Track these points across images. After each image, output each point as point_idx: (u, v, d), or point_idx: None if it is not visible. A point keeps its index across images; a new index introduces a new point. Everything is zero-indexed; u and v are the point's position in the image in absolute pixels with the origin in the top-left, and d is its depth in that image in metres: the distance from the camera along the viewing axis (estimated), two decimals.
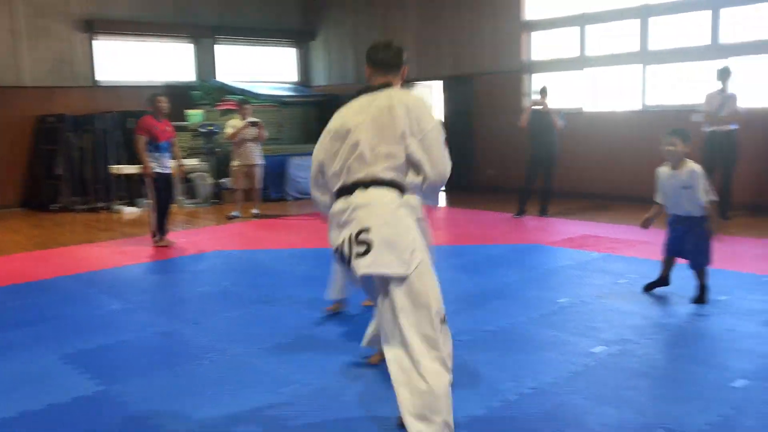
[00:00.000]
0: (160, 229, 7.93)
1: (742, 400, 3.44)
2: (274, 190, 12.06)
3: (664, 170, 5.17)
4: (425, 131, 2.91)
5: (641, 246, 6.97)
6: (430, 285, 2.85)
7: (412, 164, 2.95)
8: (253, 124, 10.08)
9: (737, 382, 3.65)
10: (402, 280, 2.79)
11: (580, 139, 10.73)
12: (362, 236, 2.83)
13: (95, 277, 6.52)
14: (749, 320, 4.64)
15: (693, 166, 4.98)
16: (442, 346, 2.82)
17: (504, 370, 3.89)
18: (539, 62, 11.76)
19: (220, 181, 12.14)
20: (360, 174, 2.92)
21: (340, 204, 2.96)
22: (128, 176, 11.32)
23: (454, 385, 2.90)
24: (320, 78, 15.75)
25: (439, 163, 2.92)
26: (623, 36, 10.62)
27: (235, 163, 10.24)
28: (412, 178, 2.97)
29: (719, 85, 8.50)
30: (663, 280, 5.34)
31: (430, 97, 13.65)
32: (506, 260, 6.76)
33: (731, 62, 9.08)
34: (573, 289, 5.60)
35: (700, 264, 5.09)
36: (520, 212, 9.31)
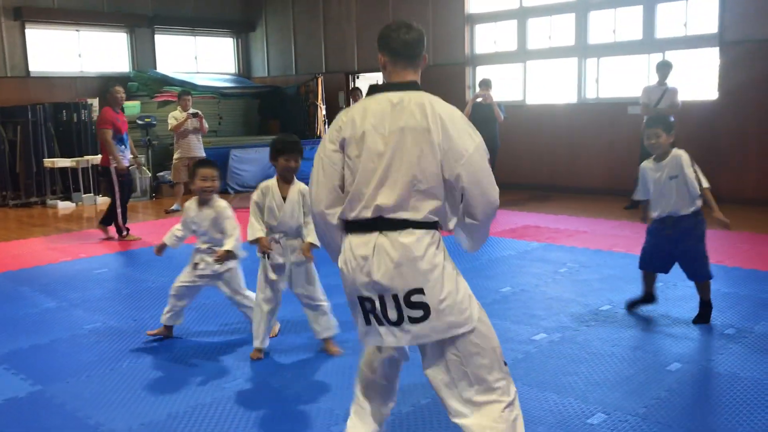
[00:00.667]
0: (124, 222, 7.84)
1: (676, 383, 3.56)
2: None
3: (647, 165, 4.50)
4: (469, 153, 2.32)
5: (580, 236, 7.14)
6: (488, 323, 2.45)
7: (450, 195, 2.37)
8: (194, 115, 9.89)
9: (672, 366, 3.77)
10: (470, 332, 2.36)
11: (520, 132, 10.89)
12: (416, 298, 2.30)
13: (29, 274, 6.30)
14: (682, 306, 4.80)
15: (678, 152, 4.35)
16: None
17: None
18: (482, 55, 11.89)
19: (159, 174, 11.89)
20: (385, 204, 2.31)
21: (358, 242, 2.36)
22: (62, 170, 10.99)
23: (405, 375, 2.91)
24: (260, 70, 15.56)
25: (489, 192, 2.36)
26: (562, 30, 10.83)
27: (176, 155, 10.03)
28: (449, 213, 2.42)
29: (657, 79, 8.72)
30: (648, 297, 4.68)
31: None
32: (449, 251, 6.81)
33: (665, 56, 9.37)
34: (514, 278, 5.69)
35: (700, 276, 4.47)
36: None
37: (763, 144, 8.88)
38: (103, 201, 10.81)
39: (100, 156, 8.22)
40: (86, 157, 11.16)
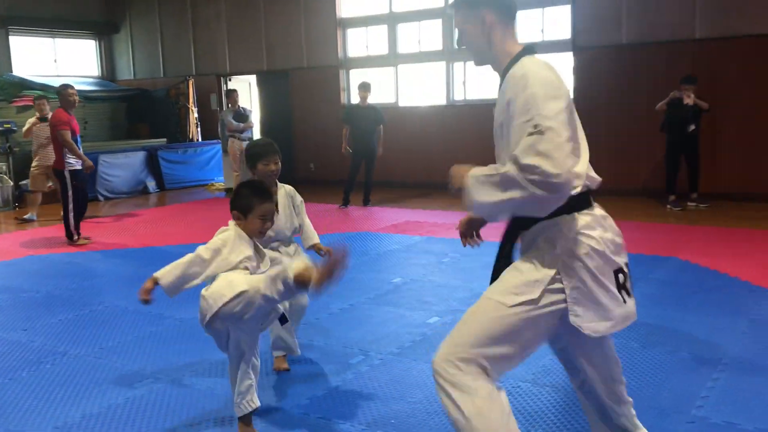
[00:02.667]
0: (77, 227, 7.64)
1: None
2: None
3: None
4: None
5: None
6: None
7: None
8: (42, 120, 9.28)
9: None
10: None
11: (395, 133, 11.26)
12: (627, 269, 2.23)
13: None
14: None
15: None
16: None
17: (352, 347, 4.15)
18: (355, 58, 12.20)
19: (21, 183, 11.26)
20: (595, 176, 2.26)
21: (589, 219, 2.19)
22: None
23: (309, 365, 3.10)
24: (125, 72, 15.09)
25: None
26: (430, 35, 11.34)
27: (34, 164, 9.52)
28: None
29: None
30: None
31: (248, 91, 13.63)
32: None
33: None
34: (403, 270, 6.01)
35: None
36: (345, 203, 9.65)
37: (611, 142, 9.74)
38: None
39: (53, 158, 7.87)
40: None
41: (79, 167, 7.62)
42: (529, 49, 2.21)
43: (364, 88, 9.69)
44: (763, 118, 8.79)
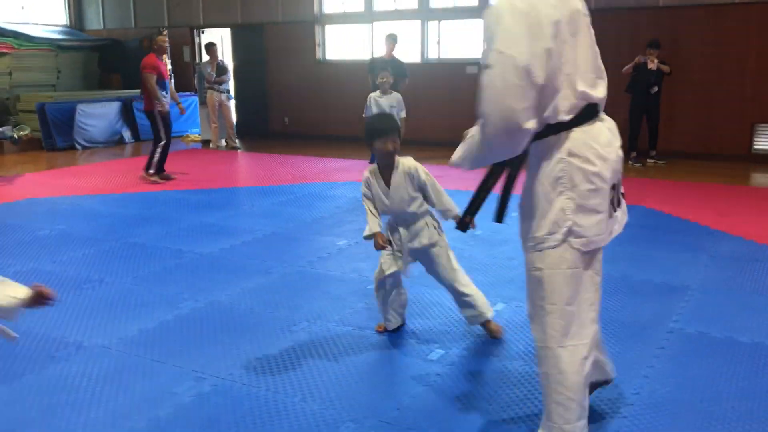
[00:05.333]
0: (161, 165, 8.30)
1: None
2: (62, 140, 11.49)
3: None
4: None
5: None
6: None
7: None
8: None
9: None
10: None
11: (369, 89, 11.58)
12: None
13: None
14: None
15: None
16: None
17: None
18: (331, 15, 12.44)
19: None
20: (601, 91, 2.32)
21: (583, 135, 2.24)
22: None
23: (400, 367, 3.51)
24: (94, 22, 14.96)
25: None
26: None
27: None
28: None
29: None
30: None
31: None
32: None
33: None
34: None
35: None
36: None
37: None
38: None
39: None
40: None
41: (168, 108, 8.23)
42: None
43: (392, 39, 9.64)
44: (717, 82, 9.46)
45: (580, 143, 2.22)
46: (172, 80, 13.75)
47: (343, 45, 12.48)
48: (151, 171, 8.28)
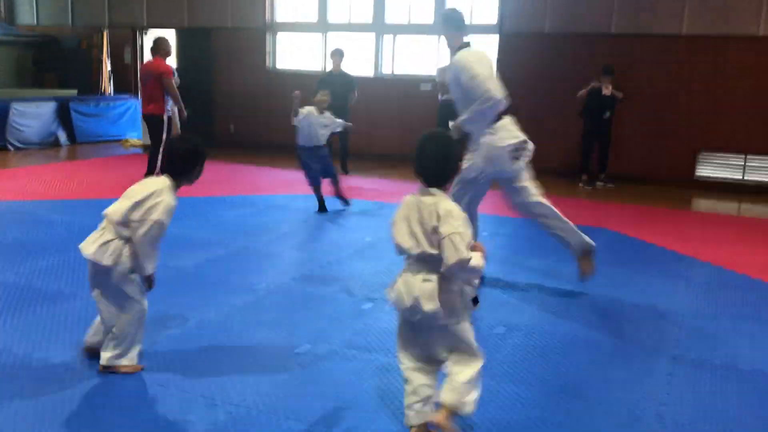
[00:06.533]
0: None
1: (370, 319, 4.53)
2: None
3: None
4: None
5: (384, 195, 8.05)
6: None
7: None
8: None
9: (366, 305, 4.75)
10: None
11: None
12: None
13: None
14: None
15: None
16: None
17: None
18: (282, 23, 12.25)
19: None
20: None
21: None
22: None
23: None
24: (26, 17, 14.22)
25: None
26: (361, 6, 11.61)
27: None
28: None
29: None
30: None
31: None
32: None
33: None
34: (371, 230, 6.38)
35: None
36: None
37: (529, 121, 10.43)
38: None
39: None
40: None
41: (170, 114, 8.06)
42: (466, 45, 4.59)
43: (338, 54, 9.68)
44: (662, 110, 9.83)
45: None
46: (112, 81, 13.28)
47: (295, 54, 12.31)
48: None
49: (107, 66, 13.07)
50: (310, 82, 11.44)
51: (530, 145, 4.62)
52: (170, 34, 13.14)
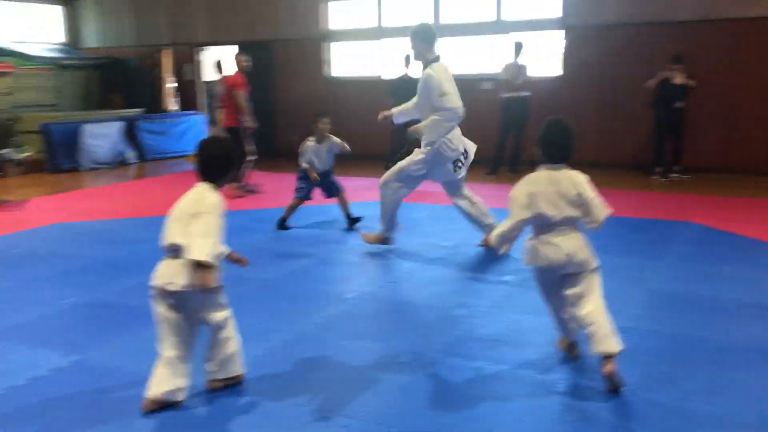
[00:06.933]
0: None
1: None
2: (66, 161, 11.15)
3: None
4: None
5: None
6: None
7: None
8: None
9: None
10: None
11: (381, 105, 11.39)
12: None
13: None
14: None
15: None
16: None
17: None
18: (338, 31, 12.30)
19: (0, 152, 10.91)
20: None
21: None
22: None
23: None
24: (91, 40, 14.66)
25: None
26: (416, 9, 11.56)
27: None
28: None
29: (513, 57, 9.78)
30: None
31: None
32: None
33: (513, 37, 10.49)
34: (451, 234, 6.30)
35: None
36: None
37: (598, 115, 10.30)
38: None
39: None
40: None
41: (254, 125, 8.57)
42: (436, 59, 5.25)
43: (408, 60, 9.75)
44: (736, 97, 9.48)
45: None
46: (175, 99, 13.54)
47: (351, 61, 12.34)
48: (240, 184, 8.54)
49: (170, 84, 13.33)
50: (366, 89, 11.58)
51: (471, 157, 5.46)
52: (231, 50, 13.37)
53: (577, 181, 3.20)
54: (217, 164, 3.17)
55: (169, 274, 3.01)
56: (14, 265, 5.52)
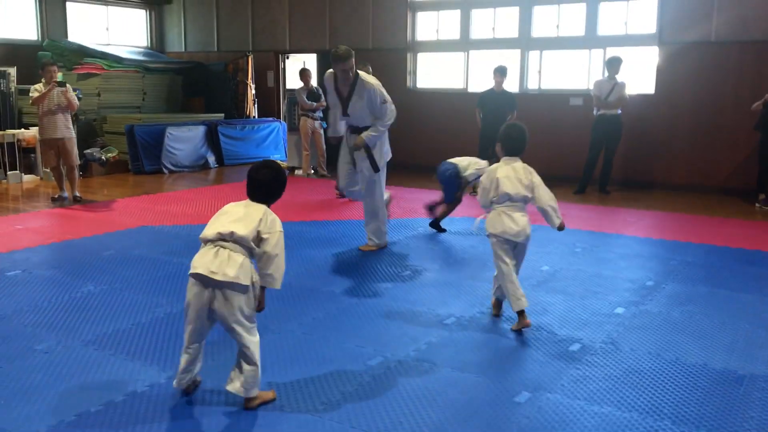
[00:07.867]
0: None
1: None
2: (149, 163, 11.28)
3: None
4: None
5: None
6: None
7: None
8: (60, 84, 8.34)
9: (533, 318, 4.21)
10: None
11: (463, 118, 11.12)
12: None
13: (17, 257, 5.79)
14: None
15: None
16: None
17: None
18: (424, 42, 12.12)
19: (87, 151, 11.11)
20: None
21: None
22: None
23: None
24: (175, 44, 14.87)
25: None
26: (505, 22, 11.27)
27: (38, 137, 8.70)
28: None
29: (607, 73, 9.39)
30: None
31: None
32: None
33: (606, 53, 10.09)
34: (544, 258, 5.99)
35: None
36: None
37: (692, 135, 9.78)
38: (28, 179, 10.03)
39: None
40: (10, 131, 10.22)
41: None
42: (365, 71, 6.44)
43: (500, 72, 9.52)
44: None
45: None
46: (256, 104, 13.59)
47: (435, 73, 12.13)
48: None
49: (252, 90, 13.38)
50: (450, 101, 11.31)
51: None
52: (309, 57, 13.36)
53: (529, 169, 4.26)
54: (267, 190, 3.20)
55: (217, 264, 2.99)
56: (106, 268, 5.48)
